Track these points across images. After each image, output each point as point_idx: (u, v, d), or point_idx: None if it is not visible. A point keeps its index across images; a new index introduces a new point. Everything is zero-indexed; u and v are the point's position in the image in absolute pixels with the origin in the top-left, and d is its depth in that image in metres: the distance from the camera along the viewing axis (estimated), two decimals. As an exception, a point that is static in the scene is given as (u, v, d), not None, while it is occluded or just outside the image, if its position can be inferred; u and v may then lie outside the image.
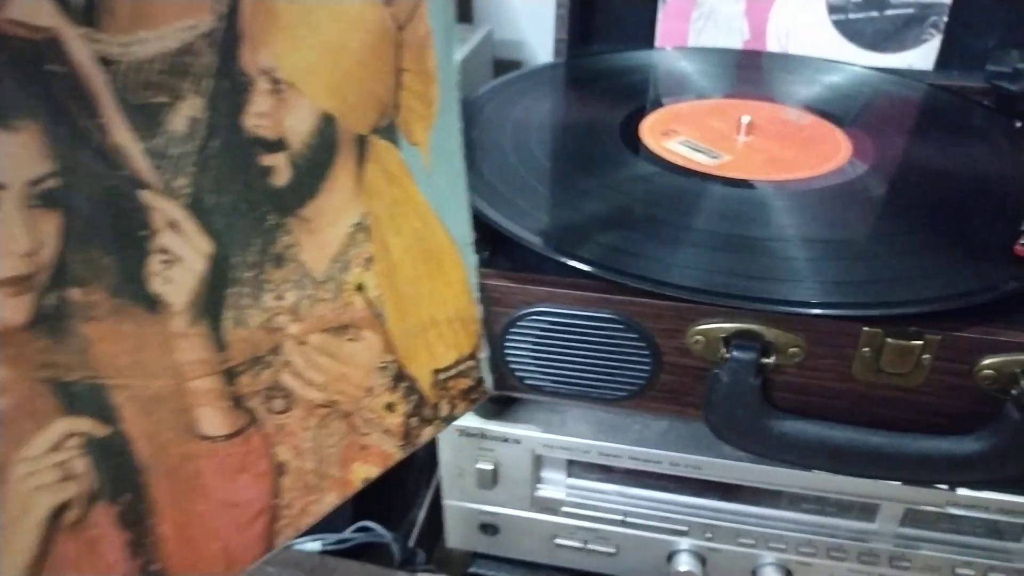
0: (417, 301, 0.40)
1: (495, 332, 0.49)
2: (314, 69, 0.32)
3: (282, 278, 0.34)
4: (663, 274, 0.44)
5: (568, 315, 0.48)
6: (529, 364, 0.50)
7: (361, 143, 0.35)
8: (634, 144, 0.58)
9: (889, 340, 0.44)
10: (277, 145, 0.32)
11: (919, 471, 0.46)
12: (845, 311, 0.42)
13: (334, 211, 0.35)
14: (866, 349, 0.45)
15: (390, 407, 0.40)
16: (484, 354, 0.48)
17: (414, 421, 0.42)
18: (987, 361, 0.44)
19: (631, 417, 0.55)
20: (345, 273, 0.36)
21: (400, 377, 0.40)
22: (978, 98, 0.67)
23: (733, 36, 0.79)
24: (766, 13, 0.78)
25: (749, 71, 0.73)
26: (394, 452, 0.41)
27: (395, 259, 0.38)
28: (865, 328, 0.44)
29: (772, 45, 0.78)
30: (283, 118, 0.32)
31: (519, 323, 0.49)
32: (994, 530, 0.51)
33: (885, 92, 0.67)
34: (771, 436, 0.47)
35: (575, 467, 0.55)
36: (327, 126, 0.33)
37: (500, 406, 0.55)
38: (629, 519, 0.55)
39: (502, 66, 0.92)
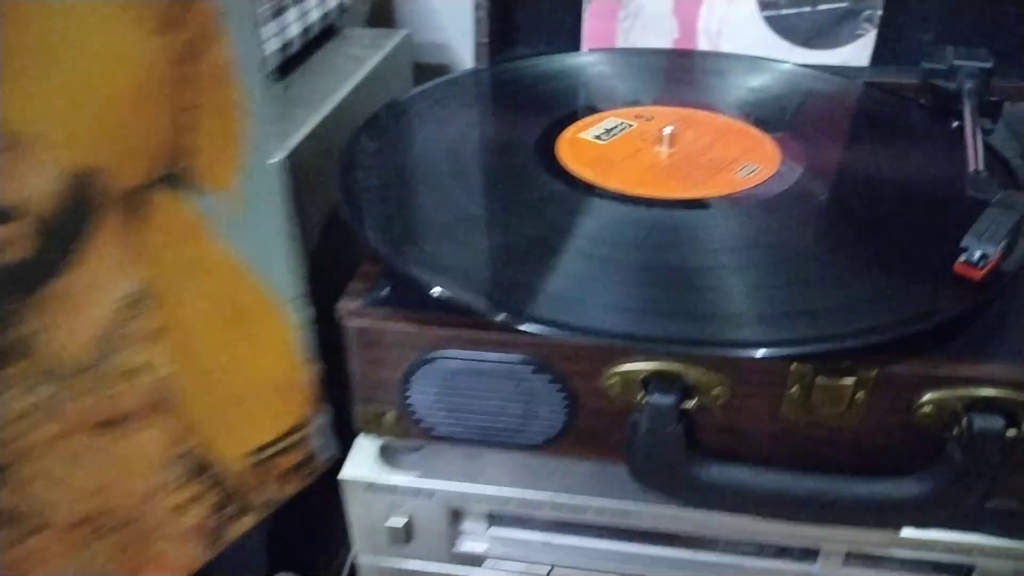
0: (225, 372, 0.35)
1: (394, 379, 0.45)
2: (60, 117, 0.26)
3: (22, 373, 0.28)
4: (571, 313, 0.39)
5: (474, 359, 0.43)
6: (435, 412, 0.45)
7: (133, 199, 0.30)
8: (549, 162, 0.53)
9: (819, 379, 0.40)
10: (7, 215, 0.26)
11: (858, 515, 0.43)
12: (769, 350, 0.37)
13: (95, 284, 0.29)
14: (795, 388, 0.41)
15: (182, 509, 0.34)
16: (322, 419, 0.43)
17: (219, 517, 0.36)
18: (927, 397, 0.40)
19: (555, 459, 0.50)
20: (115, 356, 0.30)
21: (200, 468, 0.34)
22: (916, 96, 0.64)
23: (662, 35, 0.75)
24: (696, 10, 0.74)
25: (677, 73, 0.69)
26: (197, 556, 0.36)
27: (193, 327, 0.32)
28: (793, 366, 0.40)
29: (703, 43, 0.74)
30: (18, 180, 0.26)
31: (421, 369, 0.44)
32: (941, 569, 0.47)
33: (818, 92, 0.63)
34: (698, 483, 0.43)
35: (497, 516, 0.51)
36: (81, 184, 0.28)
37: (410, 454, 0.51)
38: (557, 570, 0.51)
39: (426, 71, 0.87)
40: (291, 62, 0.65)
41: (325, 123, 0.59)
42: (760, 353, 0.37)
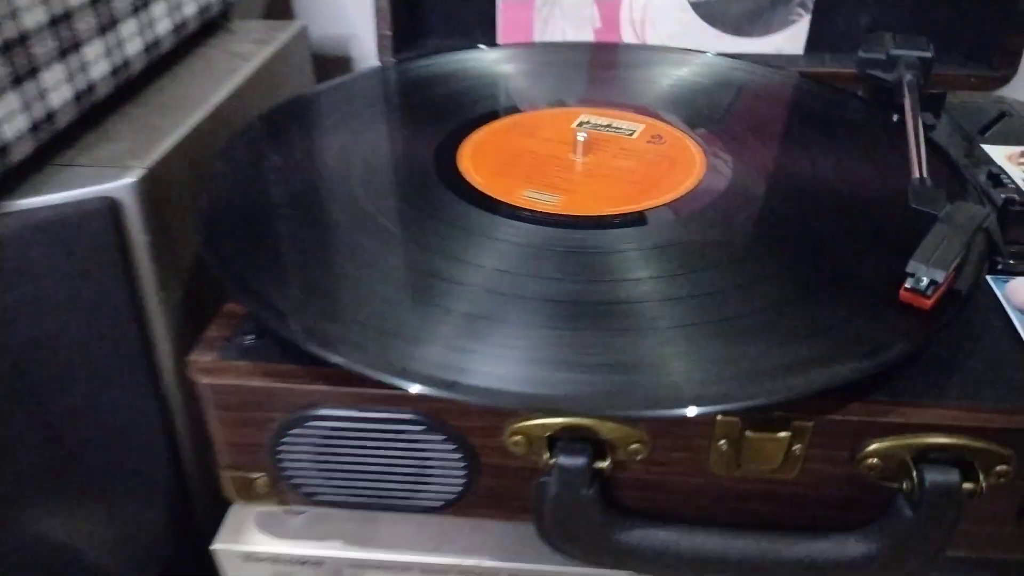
0: None
1: (262, 441, 0.38)
2: None
3: None
4: (465, 368, 0.33)
5: (355, 417, 0.37)
6: (314, 476, 0.39)
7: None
8: (450, 176, 0.47)
9: (748, 433, 0.34)
10: None
11: (799, 578, 0.38)
12: (698, 409, 0.32)
13: None
14: (722, 442, 0.35)
15: None
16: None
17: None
18: (871, 447, 0.35)
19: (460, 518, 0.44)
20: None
21: None
22: (853, 87, 0.59)
23: (583, 25, 0.69)
24: (618, -3, 0.68)
25: (596, 69, 0.62)
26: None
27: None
28: (719, 418, 0.34)
29: (627, 34, 0.68)
30: None
31: (292, 430, 0.38)
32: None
33: (748, 86, 0.58)
34: (618, 547, 0.37)
35: (399, 580, 0.45)
36: None
37: (295, 517, 0.44)
38: (469, 637, 0.45)
39: (328, 65, 0.80)
40: (161, 63, 0.58)
41: (198, 133, 0.51)
42: (689, 413, 0.32)
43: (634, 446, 0.36)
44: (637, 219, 0.43)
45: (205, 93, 0.55)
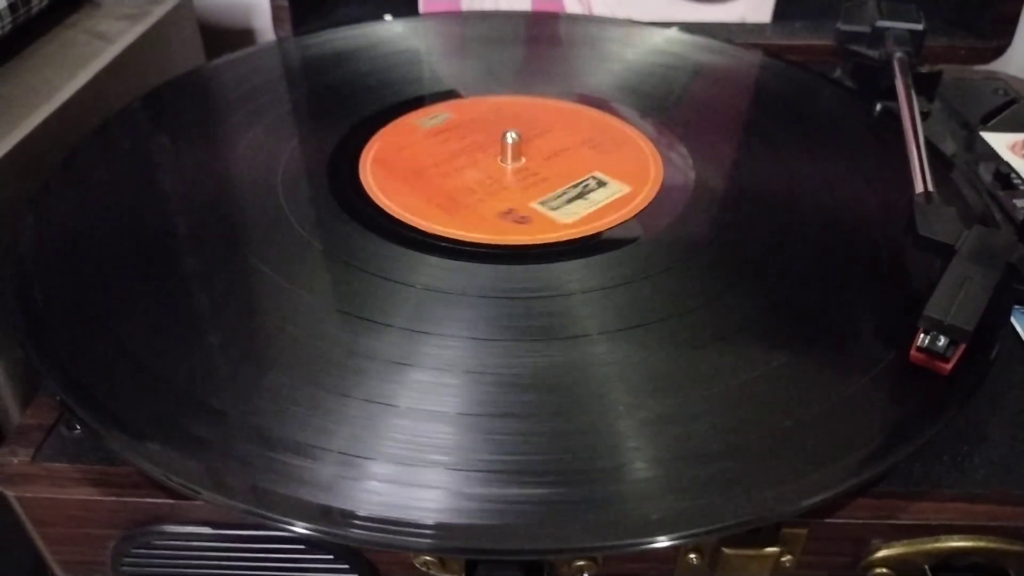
0: None
1: (103, 559, 0.29)
2: None
3: None
4: (357, 490, 0.25)
5: (212, 535, 0.28)
6: (173, 600, 0.30)
7: None
8: (351, 196, 0.37)
9: (726, 550, 0.27)
10: None
11: None
12: (666, 538, 0.24)
13: None
14: (692, 556, 0.27)
15: None
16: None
17: None
18: (880, 554, 0.27)
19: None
20: None
21: None
22: (829, 63, 0.51)
23: (519, -8, 0.59)
24: (559, -43, 0.58)
25: (534, 46, 0.53)
26: None
27: None
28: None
29: (571, 4, 0.59)
30: None
31: (137, 550, 0.29)
32: None
33: (709, 68, 0.49)
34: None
35: None
36: None
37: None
38: None
39: (225, 40, 0.69)
40: (2, 48, 0.47)
41: (39, 136, 0.41)
42: (657, 544, 0.23)
43: (580, 563, 0.28)
44: (572, 251, 0.34)
45: (52, 86, 0.45)
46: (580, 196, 0.37)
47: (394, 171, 0.39)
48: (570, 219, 0.36)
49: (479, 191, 0.38)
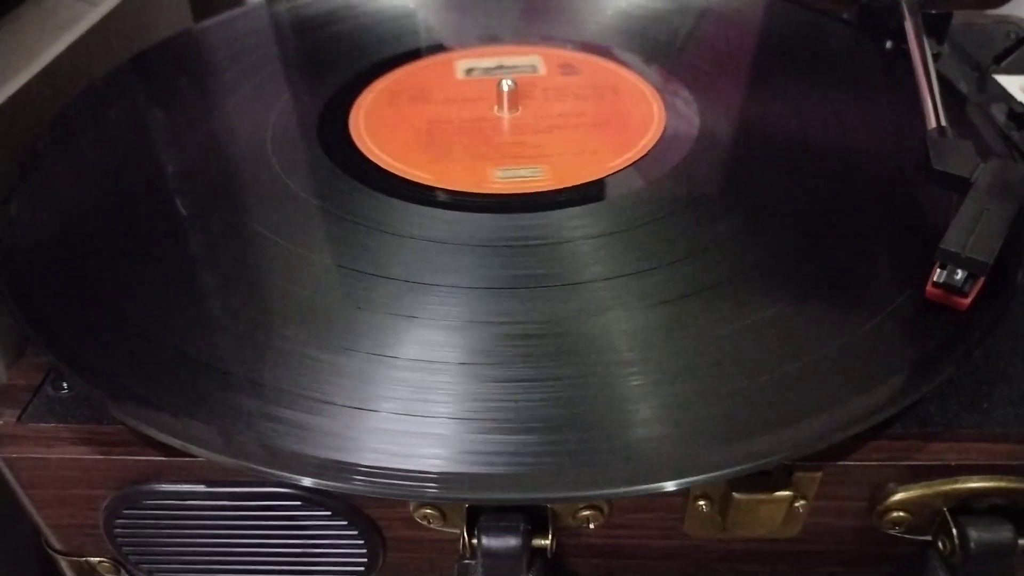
0: None
1: (95, 521, 0.29)
2: None
3: None
4: (358, 443, 0.24)
5: (205, 493, 0.27)
6: (170, 562, 0.30)
7: None
8: (344, 151, 0.36)
9: (736, 495, 0.26)
10: None
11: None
12: (678, 482, 0.23)
13: None
14: (702, 503, 0.26)
15: None
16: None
17: None
18: (896, 497, 0.26)
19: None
20: None
21: None
22: (833, 8, 0.49)
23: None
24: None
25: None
26: None
27: None
28: (698, 476, 0.25)
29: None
30: None
31: (129, 510, 0.28)
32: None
33: (711, 10, 0.47)
34: (573, 630, 0.29)
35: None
36: None
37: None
38: None
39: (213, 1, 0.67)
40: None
41: (19, 102, 0.40)
42: (667, 487, 0.22)
43: (585, 513, 0.27)
44: (577, 196, 0.33)
45: (32, 51, 0.43)
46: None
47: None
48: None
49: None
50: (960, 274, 0.26)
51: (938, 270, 0.27)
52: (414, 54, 0.44)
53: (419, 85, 0.41)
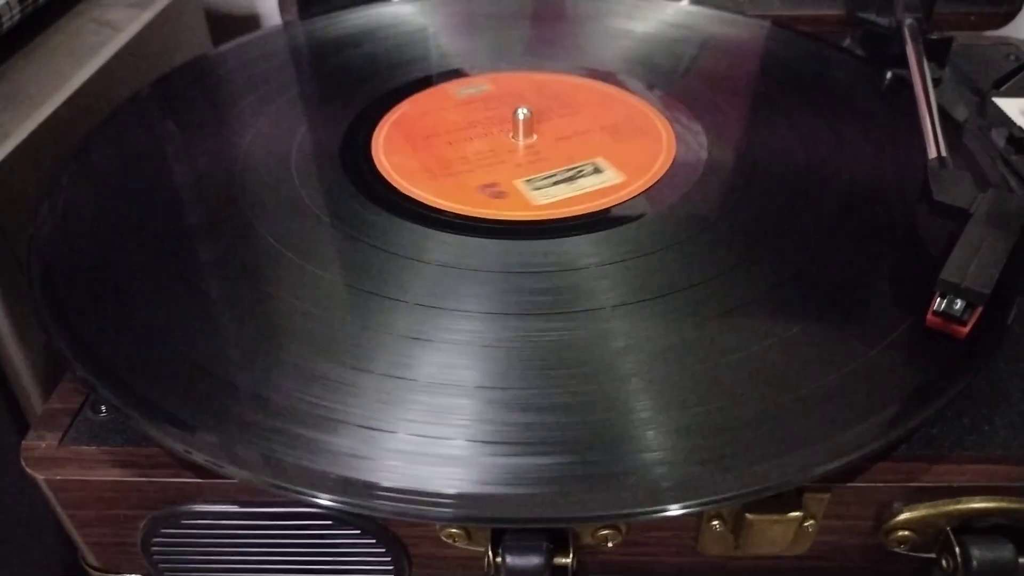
0: None
1: (133, 539, 0.30)
2: None
3: None
4: (381, 464, 0.25)
5: (239, 513, 0.29)
6: (203, 578, 0.31)
7: None
8: (366, 177, 0.37)
9: (748, 516, 0.27)
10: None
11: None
12: (682, 507, 0.24)
13: None
14: (715, 523, 0.28)
15: None
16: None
17: None
18: (902, 517, 0.28)
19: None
20: None
21: None
22: (836, 31, 0.51)
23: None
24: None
25: (543, 23, 0.53)
26: None
27: None
28: (711, 498, 0.27)
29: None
30: None
31: (167, 529, 0.29)
32: None
33: (719, 41, 0.49)
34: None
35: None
36: None
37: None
38: None
39: (226, 25, 0.68)
40: (7, 43, 0.47)
41: (51, 127, 0.41)
42: (670, 512, 0.24)
43: (604, 532, 0.28)
44: (585, 225, 0.34)
45: (62, 76, 0.45)
46: (569, 180, 0.37)
47: (408, 135, 0.40)
48: (545, 201, 0.35)
49: (474, 162, 0.38)
50: (959, 304, 0.27)
51: (938, 299, 0.28)
52: (427, 80, 0.45)
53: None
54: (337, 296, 0.31)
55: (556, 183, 0.37)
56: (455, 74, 0.46)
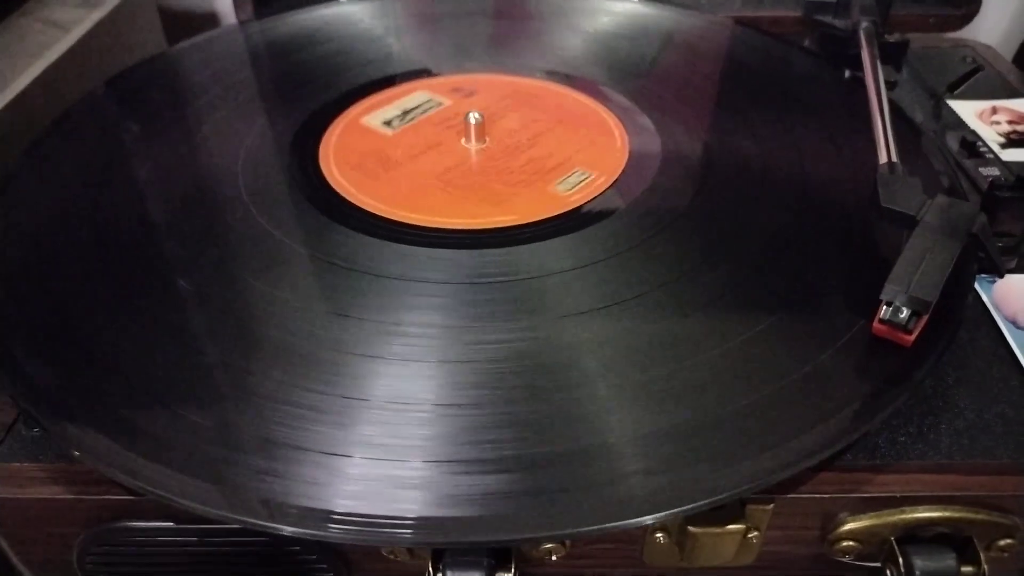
0: None
1: (68, 557, 0.29)
2: None
3: None
4: (332, 489, 0.24)
5: (174, 530, 0.28)
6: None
7: None
8: (314, 185, 0.37)
9: (691, 528, 0.26)
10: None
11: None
12: (629, 520, 0.23)
13: None
14: (659, 536, 0.27)
15: None
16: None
17: None
18: (846, 527, 0.27)
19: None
20: None
21: None
22: (795, 32, 0.51)
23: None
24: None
25: (502, 21, 0.52)
26: None
27: None
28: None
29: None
30: None
31: (101, 547, 0.28)
32: None
33: (677, 37, 0.48)
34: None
35: None
36: None
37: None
38: None
39: (181, 24, 0.67)
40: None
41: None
42: (646, 520, 0.23)
43: (548, 546, 0.27)
44: (538, 229, 0.34)
45: (5, 77, 0.44)
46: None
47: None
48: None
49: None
50: (905, 312, 0.27)
51: (884, 307, 0.28)
52: (388, 80, 0.45)
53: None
54: (287, 314, 0.30)
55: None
56: (418, 74, 0.45)
